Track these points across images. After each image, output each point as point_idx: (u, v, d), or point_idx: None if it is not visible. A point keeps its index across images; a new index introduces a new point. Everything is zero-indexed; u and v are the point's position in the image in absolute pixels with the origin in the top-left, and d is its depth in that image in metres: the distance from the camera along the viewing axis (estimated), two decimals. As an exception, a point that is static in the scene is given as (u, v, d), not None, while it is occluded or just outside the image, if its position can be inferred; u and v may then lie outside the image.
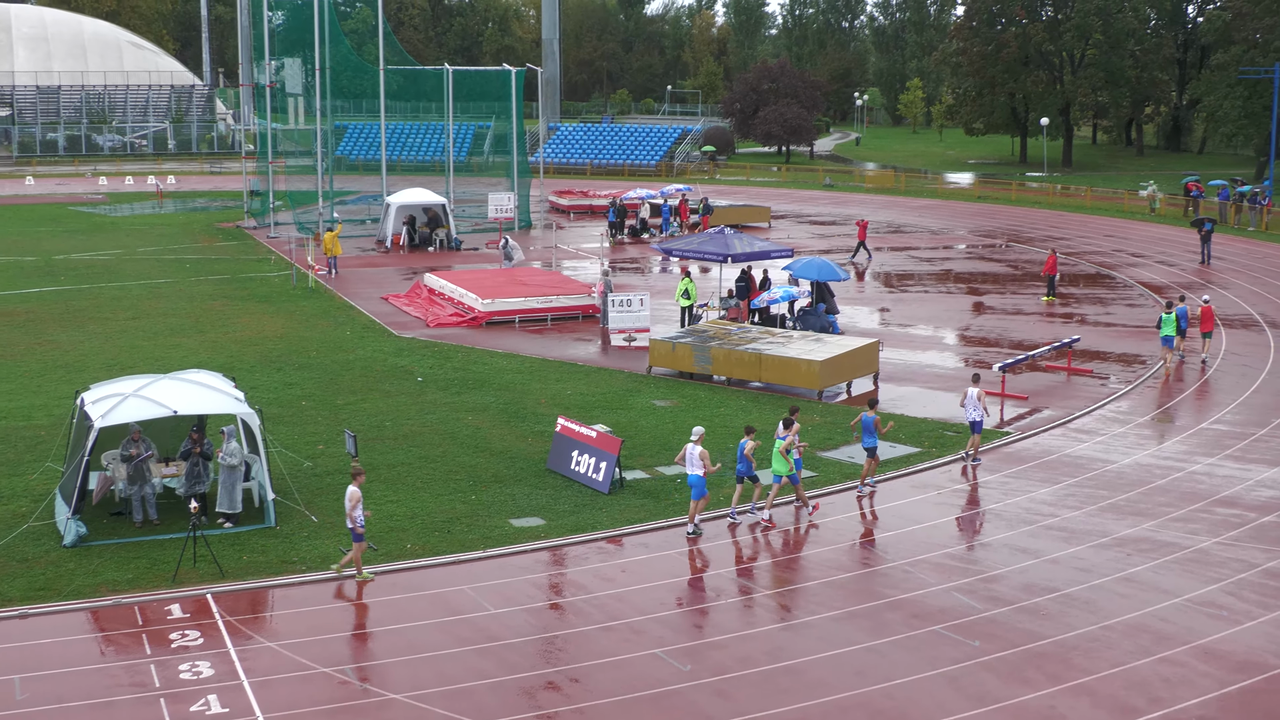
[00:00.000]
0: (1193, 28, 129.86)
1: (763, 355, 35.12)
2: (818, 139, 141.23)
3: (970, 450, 29.04)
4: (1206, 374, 37.90)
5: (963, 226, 76.10)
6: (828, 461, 28.71)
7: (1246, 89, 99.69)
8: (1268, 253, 63.98)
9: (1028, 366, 37.93)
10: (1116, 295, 51.99)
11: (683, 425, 31.31)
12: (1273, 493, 26.77)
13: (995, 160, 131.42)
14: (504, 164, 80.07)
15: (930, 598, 21.28)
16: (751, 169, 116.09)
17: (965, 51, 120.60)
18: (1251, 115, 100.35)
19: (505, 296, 45.28)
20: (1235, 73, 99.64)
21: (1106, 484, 27.51)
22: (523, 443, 29.92)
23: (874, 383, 36.13)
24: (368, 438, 29.68)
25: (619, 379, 36.53)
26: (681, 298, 43.60)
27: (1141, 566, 22.63)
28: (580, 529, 24.27)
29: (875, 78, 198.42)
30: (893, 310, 48.47)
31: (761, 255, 43.94)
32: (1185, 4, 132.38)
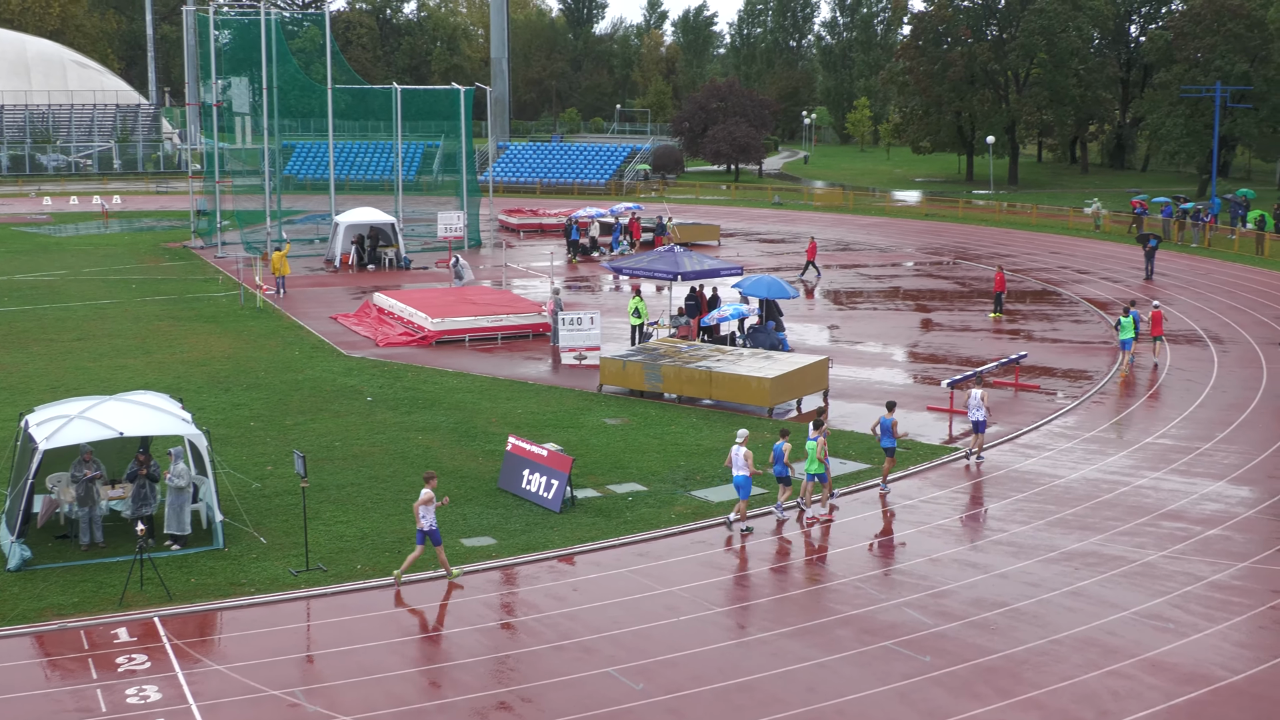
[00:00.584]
0: (1135, 47, 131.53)
1: (713, 373, 35.20)
2: (766, 157, 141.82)
3: (974, 448, 30.61)
4: (1154, 386, 38.29)
5: (910, 244, 76.63)
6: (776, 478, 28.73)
7: (1188, 107, 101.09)
8: (1210, 269, 64.79)
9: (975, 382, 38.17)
10: (1062, 311, 52.48)
11: (634, 443, 31.34)
12: (1217, 506, 27.07)
13: (942, 178, 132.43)
14: (453, 183, 79.91)
15: (881, 613, 21.36)
16: (701, 187, 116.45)
17: (912, 71, 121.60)
18: (1193, 133, 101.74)
19: (455, 315, 45.15)
20: (1177, 91, 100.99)
21: (1054, 499, 27.73)
22: (473, 462, 29.83)
23: (824, 399, 36.29)
24: (317, 458, 29.50)
25: (570, 397, 36.50)
26: (632, 316, 43.65)
27: (1089, 580, 22.82)
28: (532, 548, 24.22)
29: (823, 96, 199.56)
30: (842, 327, 48.71)
31: (711, 273, 44.06)
32: (1128, 24, 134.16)
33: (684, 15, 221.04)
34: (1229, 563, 23.67)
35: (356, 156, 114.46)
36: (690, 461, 29.94)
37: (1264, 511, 26.74)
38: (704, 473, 29.03)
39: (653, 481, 28.38)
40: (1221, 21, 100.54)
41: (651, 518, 25.89)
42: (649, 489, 27.86)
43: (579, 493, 27.29)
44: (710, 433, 32.50)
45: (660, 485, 28.10)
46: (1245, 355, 43.43)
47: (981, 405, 30.24)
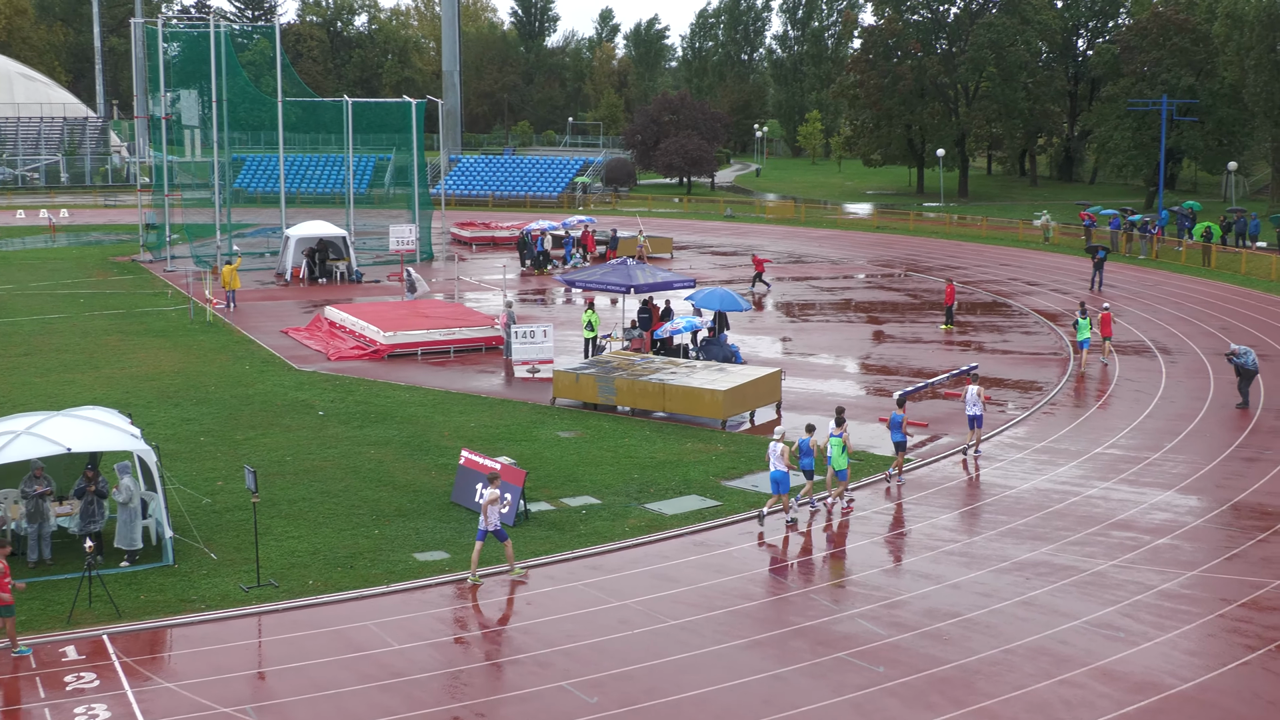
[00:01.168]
0: (1083, 61, 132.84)
1: (666, 385, 35.23)
2: (718, 170, 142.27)
3: (972, 442, 32.25)
4: (1104, 396, 38.62)
5: (862, 256, 77.03)
6: (731, 491, 28.82)
7: (1135, 120, 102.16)
8: (1158, 280, 65.43)
9: (928, 394, 38.42)
10: (1013, 323, 52.87)
11: (587, 456, 31.31)
12: (1166, 515, 27.32)
13: (893, 191, 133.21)
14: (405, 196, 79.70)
15: (835, 624, 21.42)
16: (653, 200, 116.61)
17: (862, 84, 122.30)
18: (1140, 146, 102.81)
19: (407, 329, 45.01)
20: (1124, 105, 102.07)
21: (1006, 509, 27.91)
22: (426, 476, 29.71)
23: (777, 411, 36.39)
24: (268, 473, 29.30)
25: (523, 411, 36.44)
26: (585, 329, 43.64)
27: (1041, 590, 22.97)
28: (485, 561, 24.11)
29: (775, 110, 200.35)
30: (794, 339, 48.88)
31: (664, 286, 44.13)
32: (1075, 38, 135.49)
33: (636, 28, 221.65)
34: (1178, 571, 23.89)
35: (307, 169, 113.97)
36: (644, 474, 29.94)
37: (1212, 520, 27.01)
38: (658, 485, 29.04)
39: (606, 494, 28.37)
40: (1167, 36, 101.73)
41: (605, 531, 25.87)
42: (603, 502, 27.85)
43: (532, 506, 27.23)
44: (664, 445, 32.52)
45: (614, 498, 28.09)
46: (1193, 366, 43.88)
47: (979, 401, 31.97)
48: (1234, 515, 27.41)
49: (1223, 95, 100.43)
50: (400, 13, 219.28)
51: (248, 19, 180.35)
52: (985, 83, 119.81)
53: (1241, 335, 48.69)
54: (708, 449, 32.30)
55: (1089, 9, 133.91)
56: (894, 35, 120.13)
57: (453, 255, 73.84)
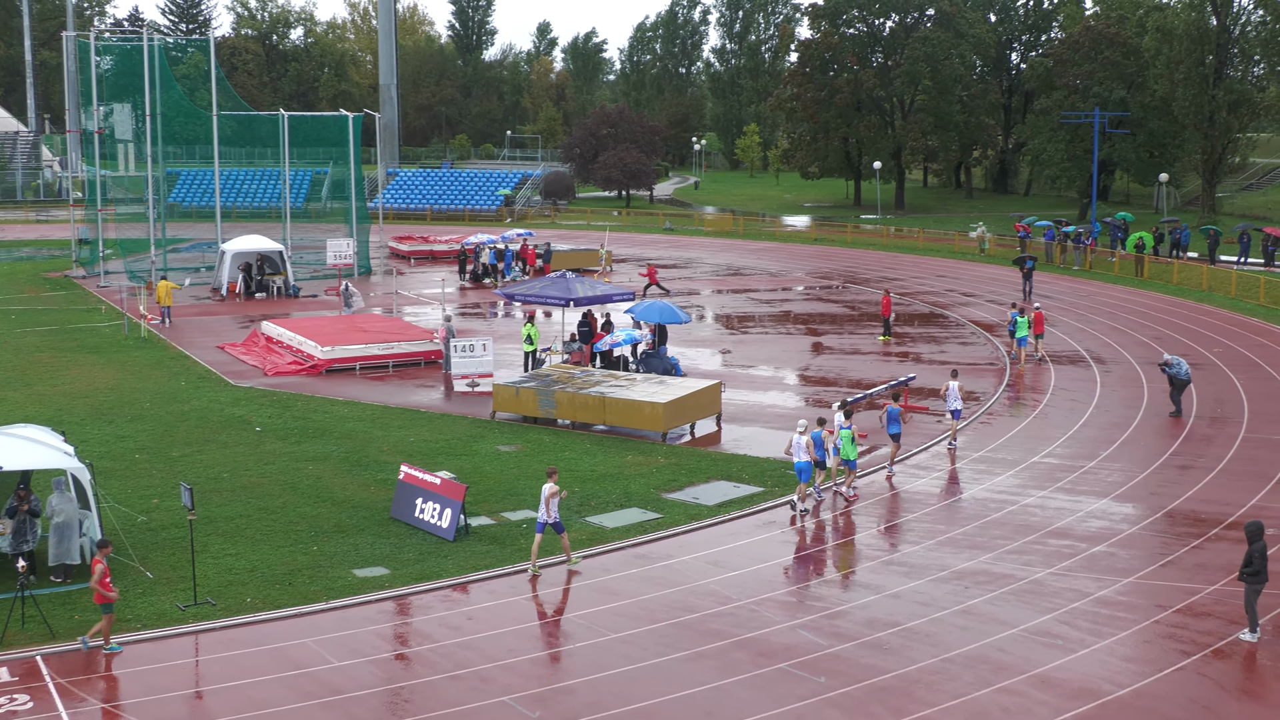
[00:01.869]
0: (1017, 74, 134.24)
1: (606, 398, 35.23)
2: (657, 183, 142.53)
3: (950, 435, 34.44)
4: (1039, 406, 38.98)
5: (800, 268, 77.41)
6: (671, 503, 28.84)
7: (1068, 133, 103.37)
8: (1092, 290, 66.17)
9: (866, 405, 38.63)
10: (949, 334, 53.29)
11: (528, 470, 31.24)
12: (1102, 523, 27.61)
13: (831, 203, 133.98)
14: (342, 210, 79.33)
15: (776, 635, 21.47)
16: (592, 213, 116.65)
17: (799, 97, 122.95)
18: (1074, 158, 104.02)
19: (345, 343, 44.76)
20: (1057, 117, 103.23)
21: (944, 518, 28.10)
22: (365, 491, 29.54)
23: (717, 423, 36.46)
24: (205, 490, 29.03)
25: (463, 425, 36.32)
26: (525, 342, 43.58)
27: (979, 599, 23.14)
28: (425, 577, 24.01)
29: (713, 123, 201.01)
30: (734, 352, 49.03)
31: (603, 299, 44.16)
32: (1009, 51, 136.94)
33: (573, 41, 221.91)
34: (1114, 579, 24.14)
35: (243, 184, 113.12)
36: (585, 487, 29.91)
37: (1147, 528, 27.32)
38: (598, 499, 29.02)
39: (547, 508, 28.30)
40: (1099, 49, 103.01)
41: (546, 544, 25.80)
42: (543, 516, 27.77)
43: (473, 521, 27.14)
44: (604, 458, 32.50)
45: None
46: (1127, 375, 44.40)
47: (959, 395, 34.28)
48: (1168, 522, 27.75)
49: (1153, 108, 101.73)
50: (337, 26, 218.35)
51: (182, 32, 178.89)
52: (921, 96, 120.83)
53: (1174, 345, 49.34)
54: (648, 462, 32.32)
55: (1022, 23, 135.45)
56: (830, 49, 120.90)
57: (391, 269, 73.51)
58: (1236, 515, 28.02)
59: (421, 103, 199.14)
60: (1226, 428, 36.53)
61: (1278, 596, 22.97)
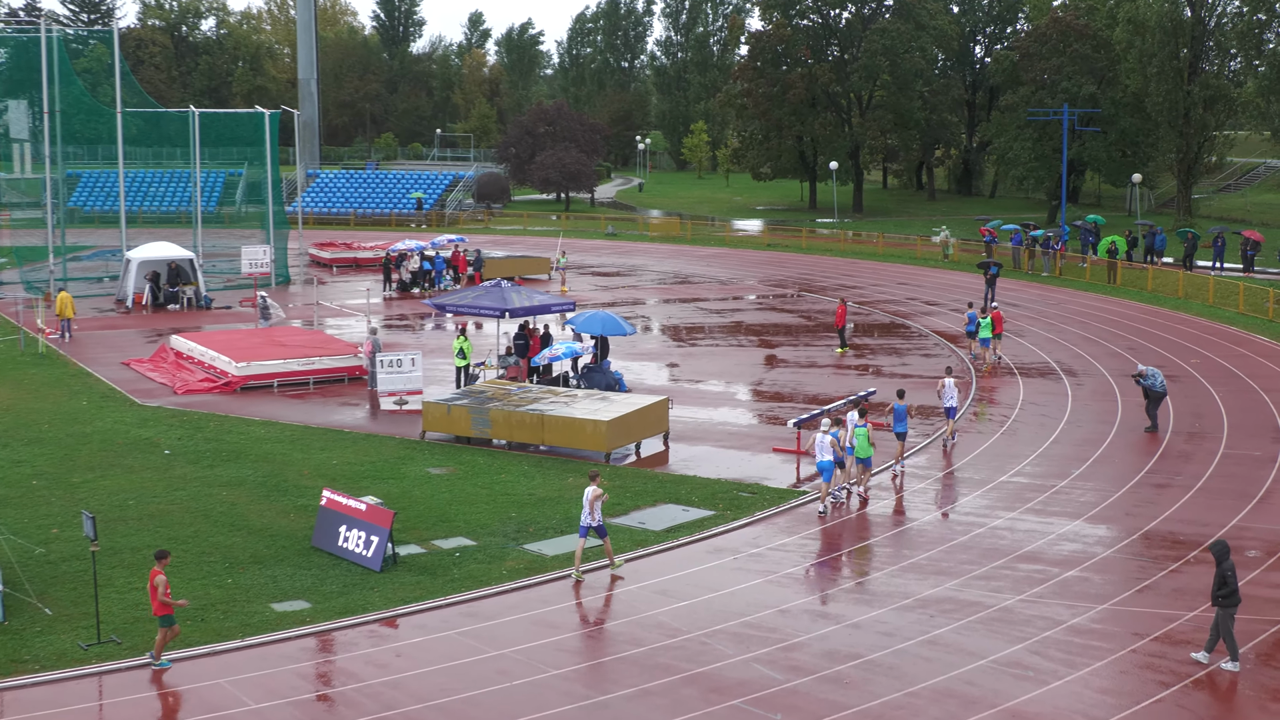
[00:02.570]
0: (981, 69, 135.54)
1: (545, 416, 35.18)
2: (598, 185, 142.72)
3: (946, 430, 36.63)
4: (1008, 422, 39.26)
5: (752, 276, 77.68)
6: (617, 528, 28.82)
7: (1036, 131, 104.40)
8: (1061, 298, 66.79)
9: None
10: (911, 345, 53.61)
11: (461, 494, 31.14)
12: (1075, 546, 27.82)
13: (784, 206, 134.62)
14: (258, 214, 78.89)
15: (729, 670, 21.48)
16: (529, 217, 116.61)
17: (750, 93, 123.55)
18: (1042, 158, 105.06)
19: (262, 359, 44.50)
20: (1024, 114, 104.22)
21: (907, 542, 28.23)
22: (284, 519, 29.34)
23: (664, 443, 36.50)
24: (109, 519, 28.74)
25: (390, 446, 36.16)
26: (457, 356, 43.47)
27: (945, 628, 23.25)
28: (350, 611, 23.86)
29: (658, 120, 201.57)
30: (682, 365, 49.11)
31: (541, 309, 44.12)
32: (973, 44, 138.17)
33: (508, 33, 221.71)
34: (1088, 605, 24.32)
35: (150, 186, 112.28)
36: (522, 512, 29.85)
37: (1122, 551, 27.56)
38: (537, 524, 28.96)
39: (482, 535, 28.23)
40: (1067, 42, 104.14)
41: (481, 574, 25.73)
42: (478, 543, 27.70)
43: (401, 549, 27.01)
44: (543, 481, 32.45)
45: (490, 539, 27.96)
46: (1100, 388, 44.83)
47: (955, 392, 36.27)
48: (1145, 545, 28.01)
49: (1125, 104, 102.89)
50: (251, 16, 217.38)
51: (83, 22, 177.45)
52: (879, 91, 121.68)
53: (1149, 355, 49.88)
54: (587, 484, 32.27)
55: (986, 14, 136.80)
56: (783, 41, 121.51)
57: (311, 278, 73.15)
58: (1217, 536, 28.32)
59: (344, 99, 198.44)
60: (1205, 443, 36.95)
61: (1262, 623, 23.23)
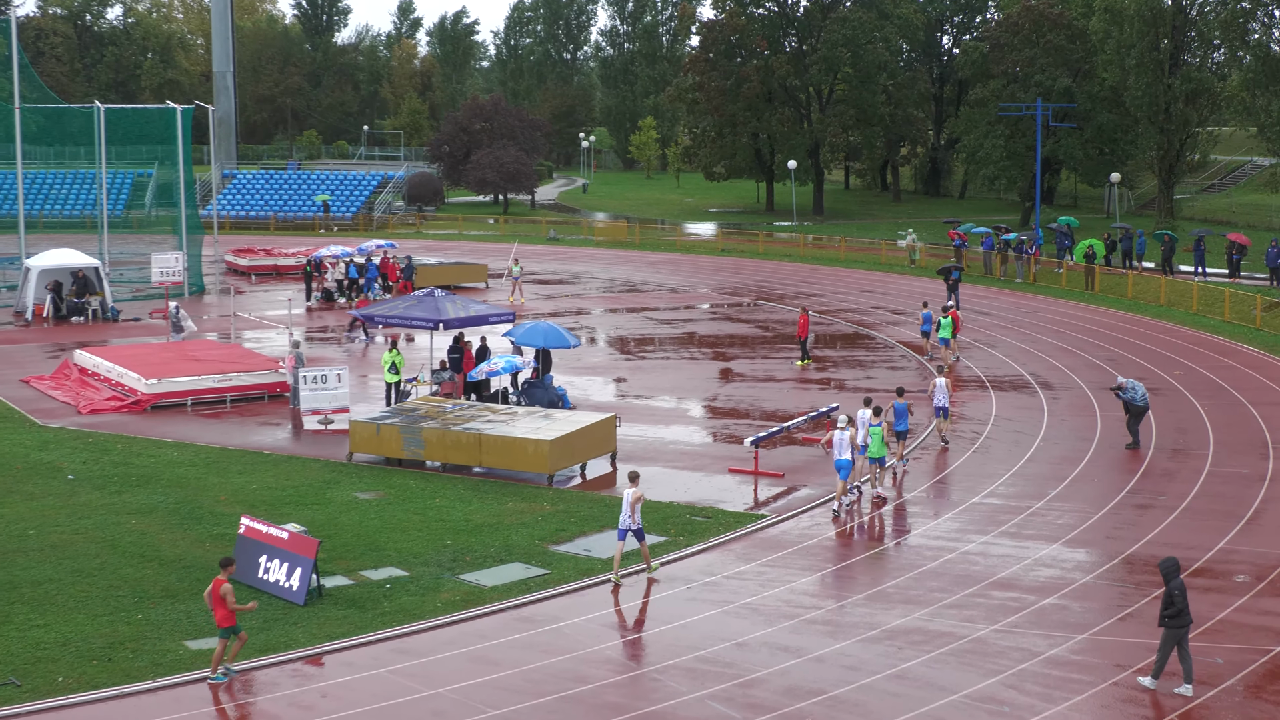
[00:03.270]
0: (949, 61, 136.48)
1: (483, 436, 35.10)
2: (539, 186, 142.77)
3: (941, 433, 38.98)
4: (980, 438, 39.46)
5: (705, 283, 77.84)
6: (560, 557, 28.76)
7: (1007, 127, 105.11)
8: (1037, 306, 67.23)
9: (783, 439, 38.85)
10: (877, 357, 53.83)
11: (391, 521, 31.01)
12: (1052, 572, 27.96)
13: (740, 208, 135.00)
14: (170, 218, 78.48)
15: (682, 709, 21.45)
16: (464, 221, 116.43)
17: (702, 87, 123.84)
18: (1014, 155, 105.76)
19: (175, 375, 44.26)
20: (995, 109, 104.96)
21: (873, 569, 28.29)
22: (199, 549, 29.13)
23: (611, 463, 36.48)
24: (7, 550, 28.46)
25: (314, 469, 35.99)
26: (388, 372, 43.32)
27: (914, 661, 23.30)
28: (271, 649, 23.70)
29: (603, 116, 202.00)
30: (630, 380, 49.13)
31: (478, 320, 44.02)
32: (940, 34, 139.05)
33: (440, 23, 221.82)
34: (1067, 635, 24.44)
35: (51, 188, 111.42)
36: (458, 540, 29.74)
37: (1103, 576, 27.72)
38: (475, 553, 28.87)
39: (414, 565, 28.10)
40: (1041, 32, 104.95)
41: (413, 607, 25.61)
42: (410, 574, 27.57)
43: (327, 581, 26.86)
44: (481, 506, 32.35)
45: (423, 569, 27.84)
46: (1077, 402, 45.12)
47: (946, 392, 38.63)
48: (1127, 570, 28.19)
49: (1103, 99, 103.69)
50: (162, 4, 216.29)
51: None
52: (840, 85, 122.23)
53: (1129, 367, 50.23)
54: (532, 509, 32.23)
55: (954, 2, 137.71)
56: (737, 31, 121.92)
57: (228, 288, 72.76)
58: (1204, 560, 28.56)
59: (263, 93, 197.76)
60: (1189, 461, 37.25)
61: (1251, 653, 23.41)
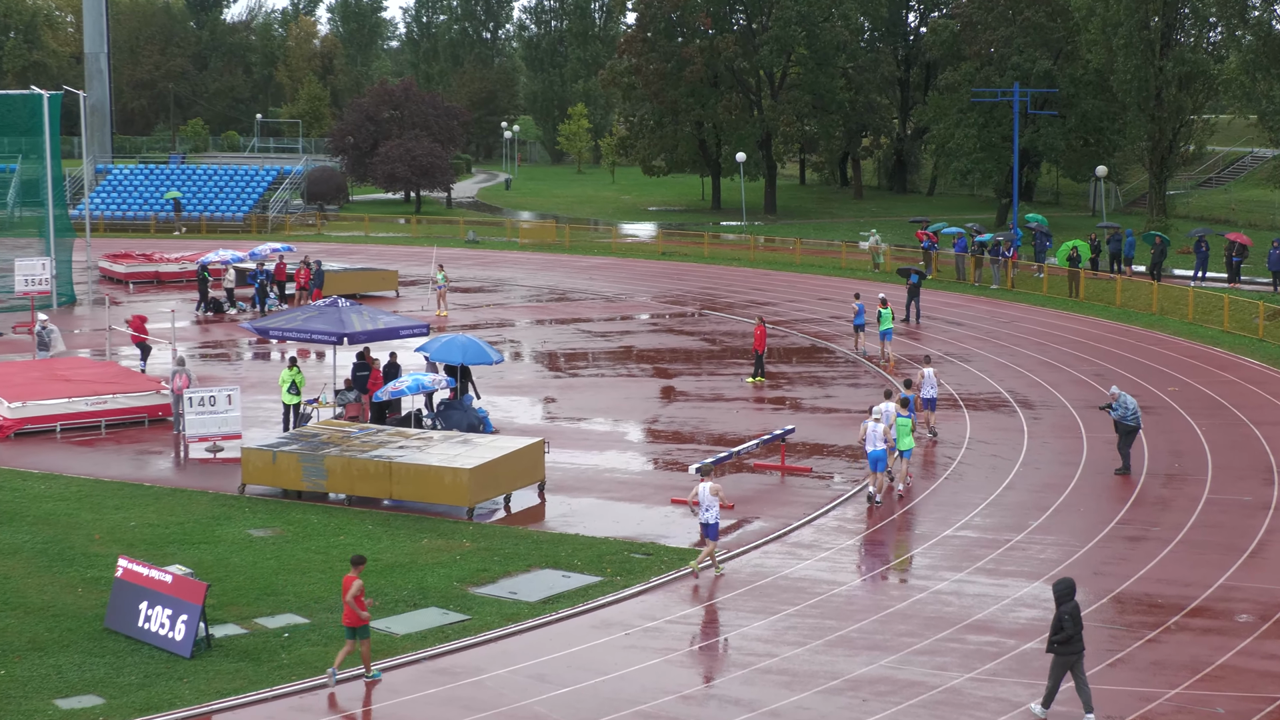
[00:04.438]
0: (915, 41, 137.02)
1: (394, 464, 34.98)
2: (456, 182, 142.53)
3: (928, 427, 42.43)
4: (953, 463, 39.63)
5: (645, 291, 77.86)
6: (481, 600, 28.66)
7: (982, 115, 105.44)
8: (1015, 315, 67.49)
9: (732, 466, 38.88)
10: (837, 373, 53.96)
11: (290, 561, 30.84)
12: (1034, 613, 28.07)
13: (682, 207, 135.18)
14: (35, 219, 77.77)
15: (621, 770, 21.44)
16: (371, 221, 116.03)
17: (639, 70, 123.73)
18: (989, 147, 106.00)
19: (41, 397, 43.95)
20: (967, 95, 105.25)
21: (835, 611, 28.33)
22: (70, 594, 28.88)
23: (539, 494, 36.43)
24: None
25: (202, 503, 35.78)
26: (286, 392, 43.11)
27: (882, 714, 23.36)
28: (153, 707, 23.53)
29: (528, 103, 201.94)
30: (561, 400, 49.07)
31: (388, 333, 43.88)
32: (905, 11, 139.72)
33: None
34: (1051, 683, 24.55)
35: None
36: (367, 582, 29.53)
37: (1091, 617, 27.83)
38: (385, 596, 28.73)
39: (316, 611, 27.96)
40: (1018, 9, 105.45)
41: (315, 659, 25.49)
42: (311, 621, 27.44)
43: (216, 630, 26.69)
44: (391, 543, 32.23)
45: (327, 616, 27.68)
46: (1061, 422, 45.37)
47: (936, 382, 42.92)
48: (1117, 610, 28.36)
49: (1087, 83, 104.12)
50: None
51: None
52: (794, 68, 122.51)
53: (1119, 382, 50.22)
54: (450, 546, 32.14)
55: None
56: (678, 7, 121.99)
57: (102, 298, 72.22)
58: (1202, 598, 28.79)
59: (142, 78, 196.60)
60: (1186, 487, 37.53)
61: (1255, 700, 23.60)
